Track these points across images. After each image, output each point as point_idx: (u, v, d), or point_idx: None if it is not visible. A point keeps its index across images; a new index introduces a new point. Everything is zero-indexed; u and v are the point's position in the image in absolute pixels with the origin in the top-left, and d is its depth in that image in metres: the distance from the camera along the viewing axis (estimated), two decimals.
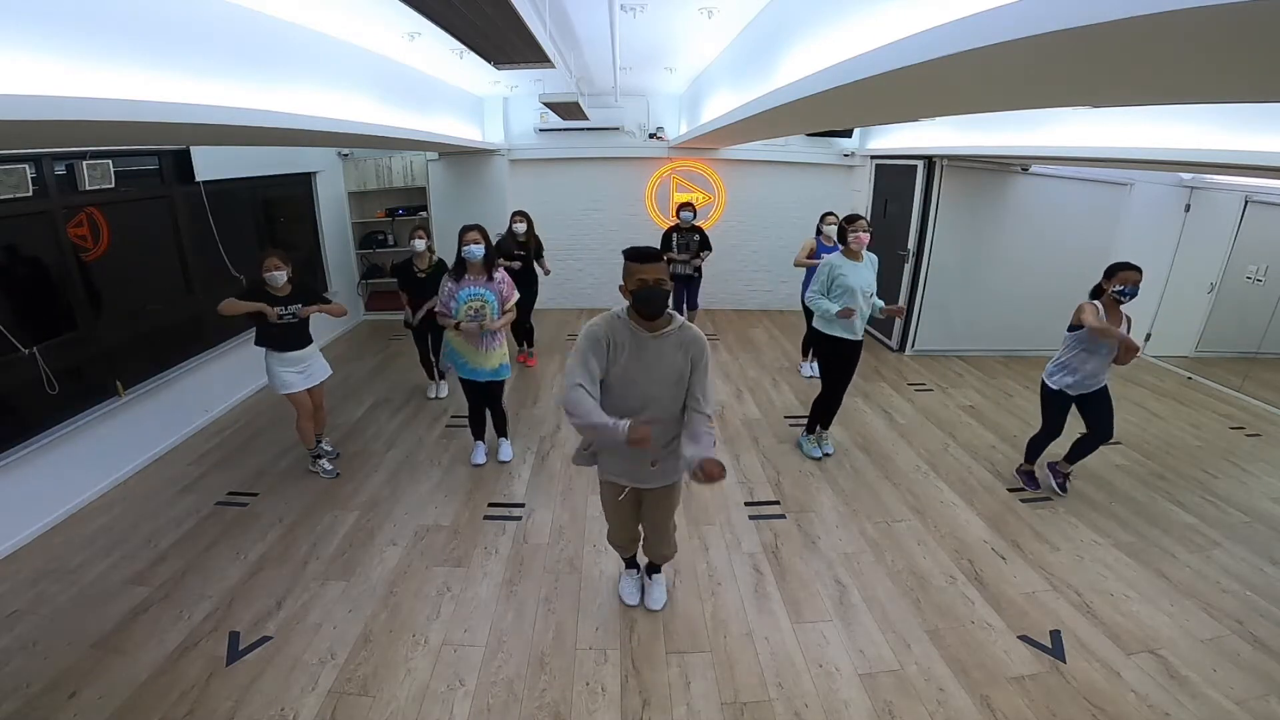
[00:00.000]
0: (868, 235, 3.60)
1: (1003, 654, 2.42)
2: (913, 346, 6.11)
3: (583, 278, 7.49)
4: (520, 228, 5.20)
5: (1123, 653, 2.43)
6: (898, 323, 6.15)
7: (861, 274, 3.63)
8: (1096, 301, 3.25)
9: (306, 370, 3.57)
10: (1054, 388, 3.42)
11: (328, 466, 3.75)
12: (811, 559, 2.99)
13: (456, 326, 3.43)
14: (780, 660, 2.39)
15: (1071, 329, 3.32)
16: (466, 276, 3.44)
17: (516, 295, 3.58)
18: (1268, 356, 5.41)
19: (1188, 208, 5.82)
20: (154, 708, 2.15)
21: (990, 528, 3.26)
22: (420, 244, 4.45)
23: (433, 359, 4.84)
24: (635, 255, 2.04)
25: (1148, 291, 5.96)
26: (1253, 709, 2.17)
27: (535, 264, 5.34)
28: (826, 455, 4.00)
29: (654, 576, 2.71)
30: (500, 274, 3.51)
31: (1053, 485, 3.63)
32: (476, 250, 3.39)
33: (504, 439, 3.95)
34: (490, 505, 3.41)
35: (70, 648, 2.41)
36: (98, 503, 3.47)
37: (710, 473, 1.86)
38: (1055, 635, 2.52)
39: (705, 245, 5.79)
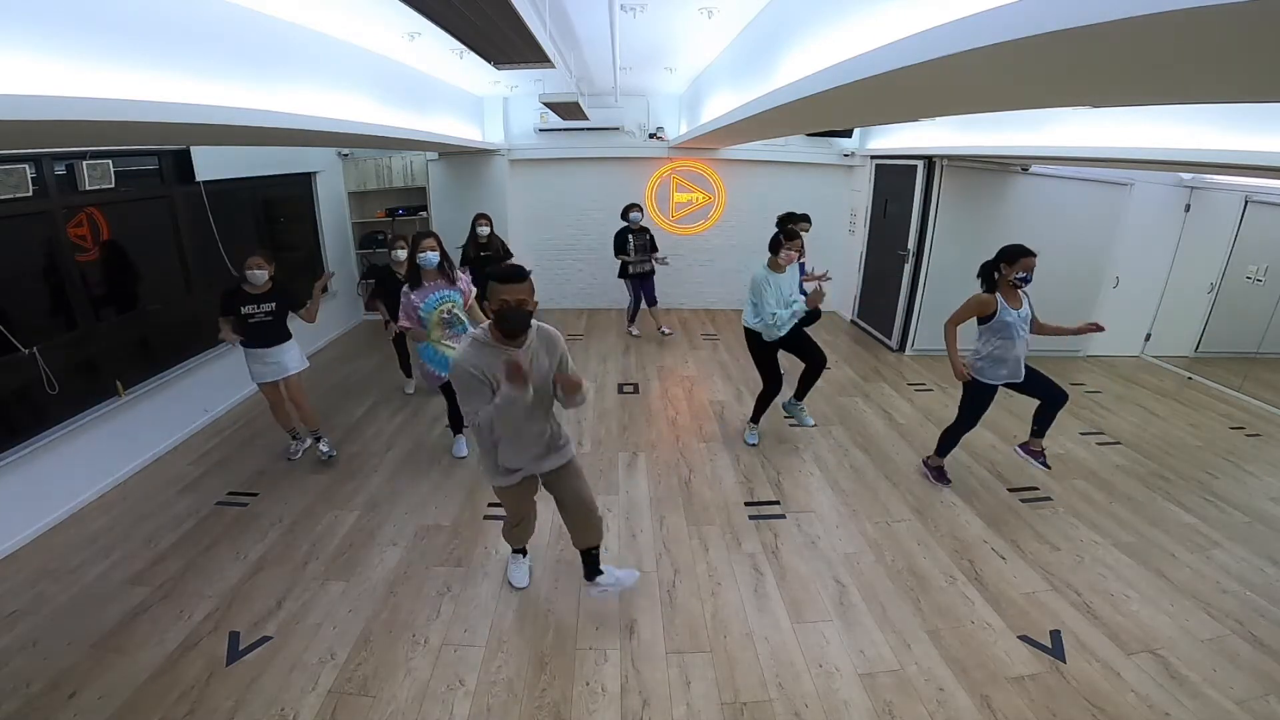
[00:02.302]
0: (795, 255, 3.63)
1: (1003, 654, 2.42)
2: (912, 346, 6.11)
3: (582, 277, 7.50)
4: (484, 230, 5.37)
5: (1123, 653, 2.43)
6: (898, 323, 6.17)
7: (784, 288, 3.69)
8: (995, 294, 3.21)
9: (276, 364, 3.72)
10: (989, 383, 3.34)
11: (293, 449, 3.96)
12: (811, 559, 2.99)
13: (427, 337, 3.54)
14: (780, 660, 2.39)
15: (981, 321, 3.28)
16: (425, 284, 3.52)
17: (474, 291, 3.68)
18: (1268, 356, 5.41)
19: (1188, 208, 5.82)
20: (154, 708, 2.15)
21: (990, 528, 3.26)
22: (401, 253, 4.56)
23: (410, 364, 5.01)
24: (498, 276, 2.09)
25: (1148, 291, 6.05)
26: (1253, 709, 2.18)
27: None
28: (808, 426, 4.18)
29: (598, 579, 2.59)
30: (463, 275, 3.63)
31: (1037, 465, 3.62)
32: (432, 257, 3.49)
33: (459, 436, 4.05)
34: (490, 505, 3.41)
35: (70, 648, 2.41)
36: (98, 503, 3.47)
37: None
38: (1055, 635, 2.52)
39: (654, 245, 6.16)
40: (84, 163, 3.47)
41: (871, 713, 2.16)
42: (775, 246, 3.66)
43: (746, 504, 3.44)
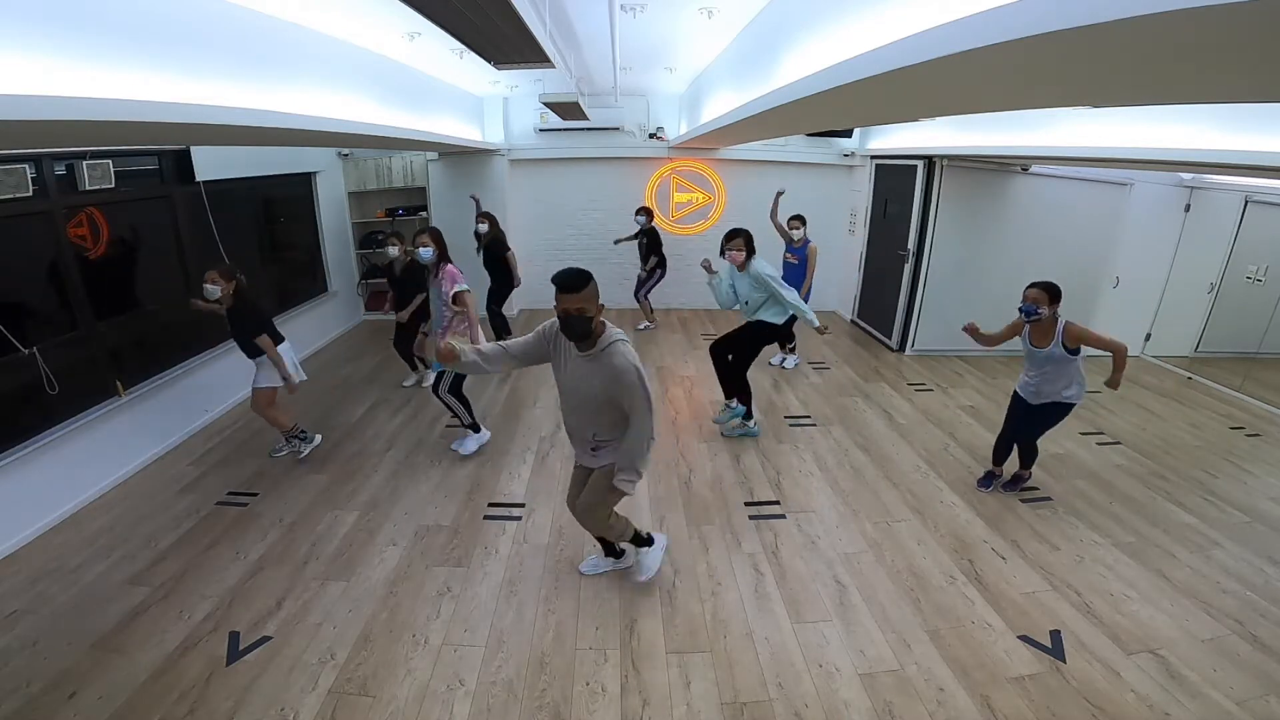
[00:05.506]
0: (739, 254, 3.93)
1: (1003, 654, 2.42)
2: (912, 346, 6.11)
3: None
4: (482, 228, 5.70)
5: (1123, 653, 2.43)
6: (898, 322, 6.17)
7: (739, 286, 4.08)
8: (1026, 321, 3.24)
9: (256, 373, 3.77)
10: (1017, 390, 3.46)
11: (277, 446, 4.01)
12: (811, 559, 2.99)
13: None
14: (780, 660, 2.39)
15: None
16: (430, 277, 3.76)
17: (460, 286, 3.65)
18: (1268, 356, 5.41)
19: (1188, 208, 5.82)
20: (154, 708, 2.15)
21: (990, 528, 3.26)
22: (393, 250, 4.81)
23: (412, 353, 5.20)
24: (556, 284, 2.09)
25: (1148, 291, 6.05)
26: (1253, 709, 2.17)
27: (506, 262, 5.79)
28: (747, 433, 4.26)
29: (636, 550, 2.77)
30: (444, 270, 3.69)
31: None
32: (424, 253, 3.67)
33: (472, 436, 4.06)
34: (490, 505, 3.41)
35: (70, 648, 2.41)
36: (98, 503, 3.47)
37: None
38: (1055, 635, 2.52)
39: (655, 248, 6.45)
40: (84, 163, 3.47)
41: (871, 713, 2.16)
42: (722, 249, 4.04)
43: (746, 504, 3.44)
